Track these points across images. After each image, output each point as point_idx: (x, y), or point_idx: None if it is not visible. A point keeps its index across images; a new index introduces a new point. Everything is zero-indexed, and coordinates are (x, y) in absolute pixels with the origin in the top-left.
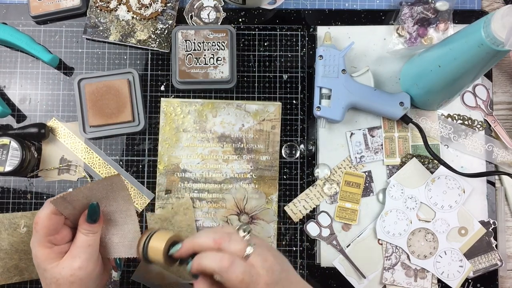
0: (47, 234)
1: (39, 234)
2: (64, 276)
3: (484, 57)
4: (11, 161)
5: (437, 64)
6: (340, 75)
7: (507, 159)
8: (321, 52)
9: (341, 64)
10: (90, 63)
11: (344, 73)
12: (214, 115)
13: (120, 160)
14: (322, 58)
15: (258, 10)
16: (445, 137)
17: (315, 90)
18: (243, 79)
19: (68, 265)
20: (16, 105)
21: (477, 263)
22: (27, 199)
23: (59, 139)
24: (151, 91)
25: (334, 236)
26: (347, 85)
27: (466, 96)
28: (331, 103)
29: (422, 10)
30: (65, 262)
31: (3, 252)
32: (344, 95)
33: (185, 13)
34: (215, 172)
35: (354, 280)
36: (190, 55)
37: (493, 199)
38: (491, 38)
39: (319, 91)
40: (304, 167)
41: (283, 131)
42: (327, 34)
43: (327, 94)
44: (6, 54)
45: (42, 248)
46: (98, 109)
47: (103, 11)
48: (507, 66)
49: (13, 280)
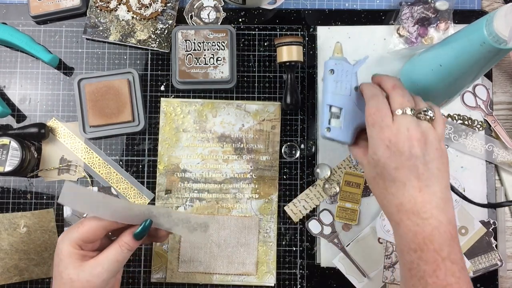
0: (84, 240)
1: (76, 234)
2: (81, 279)
3: (486, 55)
4: (11, 161)
5: (438, 63)
6: (352, 93)
7: (507, 159)
8: (332, 66)
9: (354, 81)
10: (90, 63)
11: (356, 91)
12: (214, 115)
13: (120, 160)
14: (333, 73)
15: (258, 10)
16: (445, 137)
17: (324, 109)
18: (243, 79)
19: (89, 270)
20: (16, 105)
21: (477, 263)
22: (27, 199)
23: (59, 139)
24: (151, 91)
25: (336, 234)
26: (360, 105)
27: (466, 96)
28: (342, 124)
29: (422, 10)
30: (86, 266)
31: (3, 252)
32: (356, 116)
33: (185, 13)
34: (215, 172)
35: (354, 279)
36: (190, 55)
37: (493, 199)
38: (493, 36)
39: (329, 110)
40: (304, 167)
41: (283, 131)
42: (338, 45)
43: (336, 113)
44: (6, 54)
45: (71, 247)
46: (98, 109)
47: (103, 11)
48: (507, 66)
49: (13, 280)
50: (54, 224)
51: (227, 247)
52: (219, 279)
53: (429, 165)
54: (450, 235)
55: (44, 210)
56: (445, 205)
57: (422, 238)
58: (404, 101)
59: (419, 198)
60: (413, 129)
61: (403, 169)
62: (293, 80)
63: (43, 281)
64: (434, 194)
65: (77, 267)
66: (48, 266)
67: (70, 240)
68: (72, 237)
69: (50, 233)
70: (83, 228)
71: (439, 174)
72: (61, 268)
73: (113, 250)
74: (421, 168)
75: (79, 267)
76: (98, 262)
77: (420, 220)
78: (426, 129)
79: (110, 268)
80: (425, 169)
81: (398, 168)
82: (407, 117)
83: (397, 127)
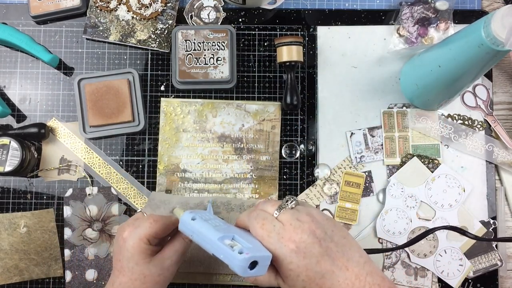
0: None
1: (149, 230)
2: (153, 274)
3: (484, 57)
4: (11, 161)
5: (437, 64)
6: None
7: (507, 159)
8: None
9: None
10: (90, 63)
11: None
12: (214, 115)
13: (120, 160)
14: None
15: (258, 10)
16: (446, 137)
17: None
18: (243, 79)
19: (160, 264)
20: (16, 105)
21: (477, 263)
22: (27, 199)
23: (59, 139)
24: (151, 91)
25: None
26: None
27: (466, 96)
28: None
29: (422, 10)
30: (156, 261)
31: (3, 252)
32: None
33: (185, 13)
34: (215, 172)
35: None
36: (190, 55)
37: (493, 199)
38: (491, 38)
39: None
40: (304, 167)
41: (283, 131)
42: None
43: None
44: (6, 54)
45: (142, 243)
46: (98, 109)
47: (103, 11)
48: (507, 66)
49: (13, 280)
50: (54, 224)
51: None
52: (219, 279)
53: (335, 239)
54: None
55: (44, 210)
56: (371, 265)
57: None
58: (269, 206)
59: (352, 277)
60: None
61: (323, 257)
62: (293, 80)
63: (43, 281)
64: (358, 263)
65: (148, 262)
66: (48, 266)
67: (141, 235)
68: (144, 233)
69: (50, 233)
70: (156, 224)
71: (346, 241)
72: (132, 263)
73: (178, 242)
74: (333, 247)
75: (149, 262)
76: (166, 256)
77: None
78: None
79: (178, 260)
80: (336, 244)
81: (319, 261)
82: (287, 213)
83: (288, 225)
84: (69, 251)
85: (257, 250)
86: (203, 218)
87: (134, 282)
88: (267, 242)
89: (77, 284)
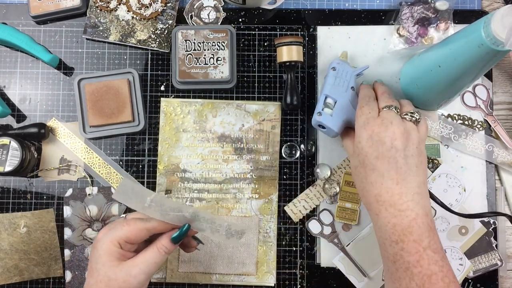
0: (127, 240)
1: (120, 233)
2: (118, 278)
3: (484, 57)
4: (11, 161)
5: (437, 64)
6: (348, 91)
7: (507, 159)
8: (335, 65)
9: (352, 81)
10: (90, 63)
11: (352, 90)
12: (214, 115)
13: (120, 160)
14: (334, 70)
15: (258, 10)
16: (446, 137)
17: (320, 97)
18: (243, 79)
19: (127, 270)
20: (16, 105)
21: (477, 263)
22: (27, 199)
23: (59, 139)
24: (151, 91)
25: (336, 234)
26: (353, 102)
27: (466, 96)
28: (334, 113)
29: (422, 10)
30: (125, 266)
31: (3, 252)
32: (347, 110)
33: (185, 13)
34: (215, 172)
35: (355, 279)
36: (190, 55)
37: (493, 199)
38: (491, 38)
39: (324, 100)
40: (304, 167)
41: (283, 131)
42: (344, 53)
43: (330, 104)
44: (6, 54)
45: (112, 244)
46: (98, 109)
47: (103, 11)
48: (507, 66)
49: (13, 280)
50: (54, 224)
51: (227, 247)
52: (219, 279)
53: (408, 160)
54: (428, 226)
55: (44, 210)
56: (421, 199)
57: (401, 230)
58: (390, 101)
59: (396, 190)
60: (397, 124)
61: (383, 160)
62: (293, 80)
63: (43, 281)
64: (411, 188)
65: (115, 265)
66: (48, 266)
67: (112, 237)
68: (115, 235)
69: (50, 233)
70: (128, 227)
71: (416, 170)
72: (99, 265)
73: (151, 252)
74: (400, 162)
75: (117, 266)
76: (136, 263)
77: (397, 211)
78: (410, 128)
79: (147, 270)
80: (404, 163)
81: (378, 158)
82: (391, 113)
83: (381, 120)
84: (69, 251)
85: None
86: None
87: (98, 284)
88: (357, 117)
89: (77, 284)
